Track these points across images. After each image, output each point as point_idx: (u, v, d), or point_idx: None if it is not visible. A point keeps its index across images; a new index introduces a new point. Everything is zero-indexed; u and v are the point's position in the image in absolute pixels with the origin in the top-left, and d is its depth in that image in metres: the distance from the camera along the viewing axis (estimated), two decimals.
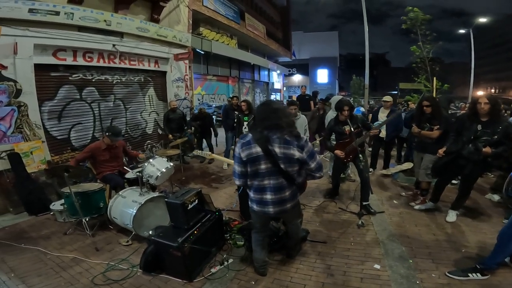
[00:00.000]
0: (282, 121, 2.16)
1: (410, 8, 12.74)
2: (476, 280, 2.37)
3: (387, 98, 5.56)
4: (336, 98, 5.03)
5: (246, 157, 2.19)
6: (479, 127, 3.13)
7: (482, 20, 19.02)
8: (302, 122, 4.27)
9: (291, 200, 2.35)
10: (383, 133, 5.48)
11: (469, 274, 2.40)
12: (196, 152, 4.04)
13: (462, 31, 20.84)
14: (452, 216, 3.52)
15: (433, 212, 3.75)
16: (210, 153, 3.73)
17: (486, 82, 47.29)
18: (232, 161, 2.50)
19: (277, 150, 2.16)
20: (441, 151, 3.39)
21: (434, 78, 12.55)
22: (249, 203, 2.44)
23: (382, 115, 5.41)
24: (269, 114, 2.19)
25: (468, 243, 3.00)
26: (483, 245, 2.89)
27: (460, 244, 2.99)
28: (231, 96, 9.71)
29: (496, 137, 3.01)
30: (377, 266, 2.64)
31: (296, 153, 2.17)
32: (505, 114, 6.22)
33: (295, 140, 2.19)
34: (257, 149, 2.17)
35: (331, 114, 4.89)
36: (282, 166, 2.18)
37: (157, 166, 3.57)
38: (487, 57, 47.65)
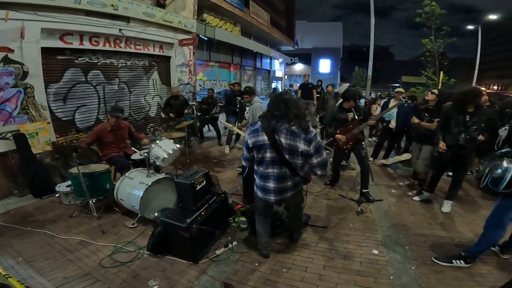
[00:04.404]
0: (290, 112, 2.17)
1: (428, 1, 12.57)
2: (460, 267, 2.48)
3: (400, 89, 5.65)
4: (344, 86, 5.15)
5: (252, 144, 2.26)
6: (467, 117, 3.26)
7: (493, 17, 18.67)
8: (251, 108, 4.55)
9: (292, 189, 2.41)
10: (392, 124, 5.55)
11: (453, 261, 2.52)
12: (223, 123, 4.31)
13: (470, 27, 20.53)
14: (447, 206, 3.64)
15: (429, 202, 3.88)
16: (232, 125, 3.99)
17: (489, 79, 47.01)
18: None
19: (283, 140, 2.19)
20: (442, 146, 3.39)
21: (441, 72, 12.59)
22: (255, 188, 2.52)
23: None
24: (278, 104, 2.21)
25: (460, 233, 3.13)
26: (474, 235, 2.99)
27: (453, 233, 3.11)
28: (232, 82, 9.67)
29: (483, 125, 3.20)
30: (375, 251, 2.76)
31: (301, 146, 2.17)
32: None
33: (302, 133, 2.18)
34: (264, 138, 2.22)
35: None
36: (286, 156, 2.21)
37: (164, 148, 3.59)
38: (492, 54, 47.16)
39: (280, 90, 20.81)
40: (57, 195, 3.99)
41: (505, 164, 2.11)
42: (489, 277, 2.38)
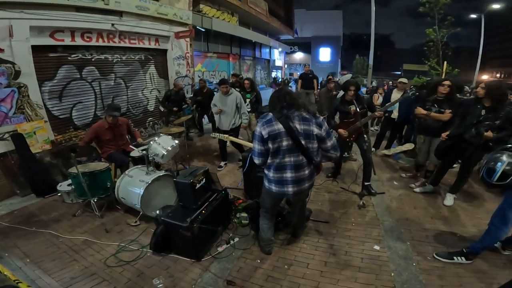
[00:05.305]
0: (296, 100, 2.28)
1: None
2: (461, 263, 2.47)
3: (404, 79, 5.54)
4: (346, 77, 5.05)
5: (268, 134, 2.22)
6: (483, 112, 3.12)
7: (496, 6, 18.22)
8: (233, 98, 4.70)
9: (308, 180, 2.40)
10: (394, 114, 5.47)
11: (454, 257, 2.51)
12: (214, 134, 4.23)
13: (473, 16, 20.05)
14: (450, 199, 3.60)
15: (432, 195, 3.84)
16: (227, 136, 3.97)
17: (492, 67, 46.44)
18: (249, 143, 2.50)
19: (297, 126, 2.23)
20: (444, 134, 3.40)
21: (445, 62, 12.43)
22: (266, 184, 2.44)
23: (396, 96, 5.35)
24: (283, 96, 2.30)
25: (463, 227, 3.10)
26: (477, 230, 2.98)
27: (456, 228, 3.09)
28: (231, 73, 9.52)
29: (498, 122, 3.01)
30: (376, 247, 2.76)
31: (315, 129, 2.26)
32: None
33: (313, 118, 2.29)
34: (279, 126, 2.22)
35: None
36: (303, 142, 2.24)
37: (163, 145, 3.55)
38: (495, 43, 46.55)
39: (280, 79, 20.62)
40: (59, 194, 3.98)
41: (504, 157, 2.10)
42: (490, 273, 2.38)
